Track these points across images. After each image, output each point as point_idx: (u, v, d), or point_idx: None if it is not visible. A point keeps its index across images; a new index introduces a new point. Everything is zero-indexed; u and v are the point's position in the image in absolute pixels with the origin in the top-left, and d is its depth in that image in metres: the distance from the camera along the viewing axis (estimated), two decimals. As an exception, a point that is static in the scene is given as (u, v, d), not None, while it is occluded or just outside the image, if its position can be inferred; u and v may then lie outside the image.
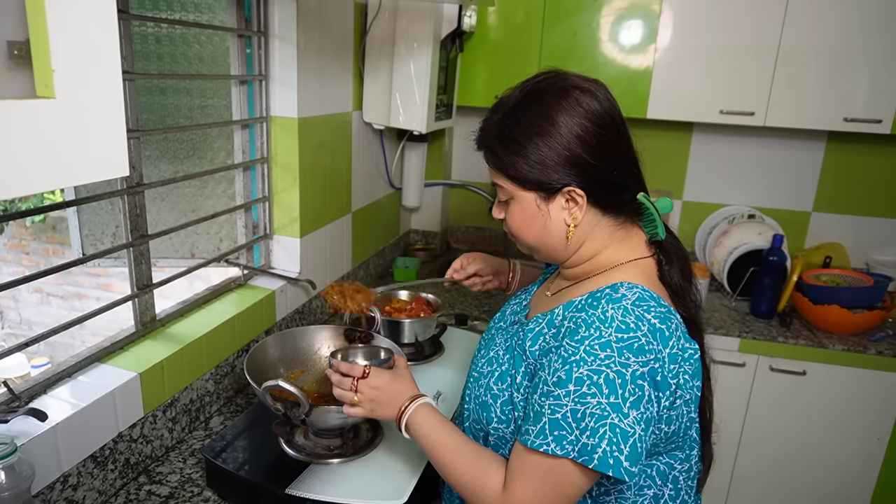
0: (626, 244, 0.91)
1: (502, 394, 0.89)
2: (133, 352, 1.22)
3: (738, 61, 2.03)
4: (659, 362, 0.77)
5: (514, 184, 0.87)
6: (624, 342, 0.76)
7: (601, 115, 0.84)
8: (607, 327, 0.77)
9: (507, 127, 0.86)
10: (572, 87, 0.85)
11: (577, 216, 0.86)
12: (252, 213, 1.66)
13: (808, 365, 1.99)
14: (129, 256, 1.23)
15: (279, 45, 1.55)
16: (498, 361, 0.92)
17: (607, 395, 0.74)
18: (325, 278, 1.88)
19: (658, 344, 0.77)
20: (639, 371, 0.75)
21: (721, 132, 2.41)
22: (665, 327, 0.79)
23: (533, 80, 0.88)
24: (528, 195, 0.87)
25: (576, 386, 0.75)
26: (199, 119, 1.58)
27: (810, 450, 2.06)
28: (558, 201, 0.86)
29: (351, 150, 1.96)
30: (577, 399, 0.75)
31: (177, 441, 1.27)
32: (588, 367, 0.75)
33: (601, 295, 0.82)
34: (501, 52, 2.22)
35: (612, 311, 0.78)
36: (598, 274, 0.90)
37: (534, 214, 0.88)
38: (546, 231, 0.89)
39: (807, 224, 2.45)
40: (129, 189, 1.19)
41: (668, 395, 0.78)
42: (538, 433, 0.77)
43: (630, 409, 0.74)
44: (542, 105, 0.84)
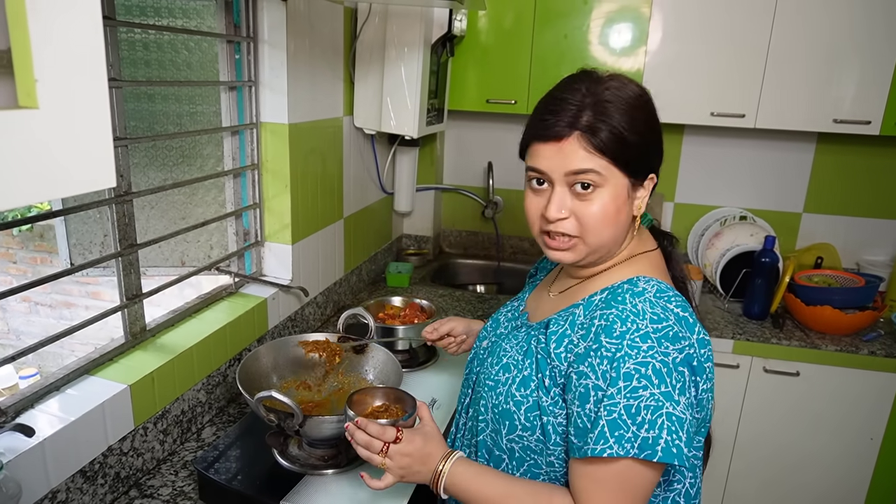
0: (640, 237, 0.94)
1: (526, 399, 0.87)
2: (123, 363, 1.20)
3: (728, 64, 2.04)
4: (693, 348, 0.79)
5: (615, 165, 0.83)
6: (660, 332, 0.77)
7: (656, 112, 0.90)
8: (642, 319, 0.78)
9: (614, 107, 0.82)
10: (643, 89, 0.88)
11: (642, 207, 0.89)
12: (243, 220, 1.65)
13: (802, 366, 2.00)
14: (117, 266, 1.21)
15: (268, 51, 1.54)
16: (517, 367, 0.89)
17: (658, 385, 0.75)
18: (318, 285, 1.86)
19: (686, 331, 0.79)
20: (678, 358, 0.77)
21: (712, 134, 2.42)
22: (688, 315, 0.81)
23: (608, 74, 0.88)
24: (623, 182, 0.84)
25: (625, 381, 0.75)
26: (188, 126, 1.57)
27: (804, 450, 2.06)
28: (639, 190, 0.88)
29: (342, 155, 1.94)
30: (629, 394, 0.75)
31: (168, 453, 1.25)
32: (634, 360, 0.76)
33: (621, 290, 0.83)
34: (492, 55, 2.21)
35: (641, 304, 0.79)
36: (608, 269, 0.91)
37: (622, 204, 0.85)
38: (622, 220, 0.87)
39: (798, 225, 2.46)
40: (118, 198, 1.17)
41: (704, 379, 0.80)
42: (598, 438, 0.75)
43: (679, 395, 0.75)
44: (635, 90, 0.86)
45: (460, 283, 2.69)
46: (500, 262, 2.66)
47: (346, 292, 2.09)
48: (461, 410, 1.05)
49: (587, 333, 0.82)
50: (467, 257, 2.73)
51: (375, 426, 0.89)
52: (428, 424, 0.94)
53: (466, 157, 2.68)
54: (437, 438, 0.92)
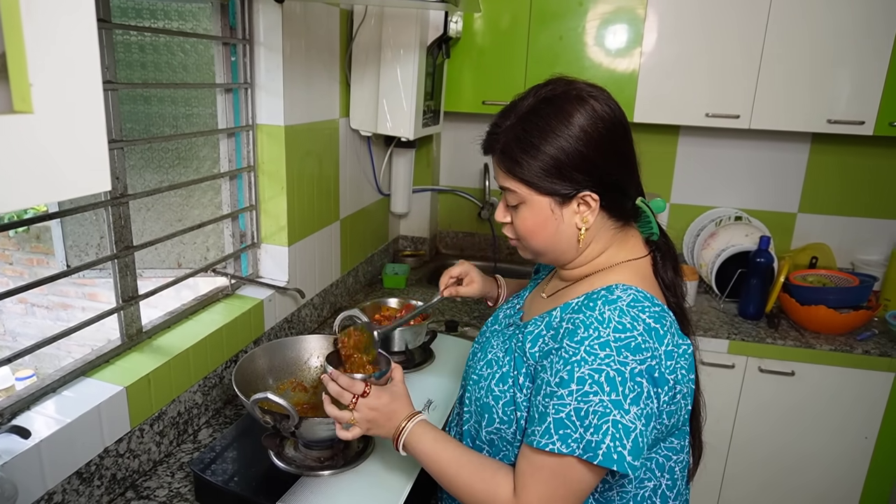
0: (624, 245, 0.94)
1: (504, 395, 0.90)
2: (119, 365, 1.20)
3: (723, 65, 2.05)
4: (656, 359, 0.79)
5: (529, 188, 0.88)
6: (621, 342, 0.78)
7: (614, 121, 0.87)
8: (605, 327, 0.79)
9: (523, 131, 0.87)
10: (587, 95, 0.86)
11: (589, 220, 0.88)
12: (239, 221, 1.65)
13: (797, 365, 2.00)
14: (113, 268, 1.21)
15: (264, 53, 1.54)
16: (498, 363, 0.93)
17: (608, 393, 0.76)
18: (314, 286, 1.86)
19: (654, 342, 0.80)
20: (637, 369, 0.78)
21: (707, 135, 2.43)
22: (659, 326, 0.82)
23: (546, 87, 0.89)
24: (543, 199, 0.88)
25: (578, 385, 0.77)
26: (184, 128, 1.57)
27: (799, 449, 2.07)
28: (572, 206, 0.88)
29: (338, 157, 1.95)
30: (580, 398, 0.77)
31: (164, 455, 1.25)
32: (589, 366, 0.78)
33: (597, 296, 0.85)
34: (488, 57, 2.22)
35: (609, 313, 0.81)
36: (593, 274, 0.93)
37: (546, 219, 0.89)
38: (557, 235, 0.90)
39: (793, 225, 2.47)
40: (114, 200, 1.18)
41: (666, 391, 0.81)
42: (543, 433, 0.79)
43: (630, 405, 0.76)
44: (560, 110, 0.85)
45: (457, 283, 2.69)
46: (497, 262, 2.66)
47: (342, 294, 2.09)
48: (457, 401, 1.09)
49: (556, 334, 0.85)
50: (464, 258, 2.73)
51: (346, 378, 0.95)
52: (398, 385, 0.99)
53: (463, 159, 2.68)
54: (405, 398, 0.98)
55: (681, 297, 0.94)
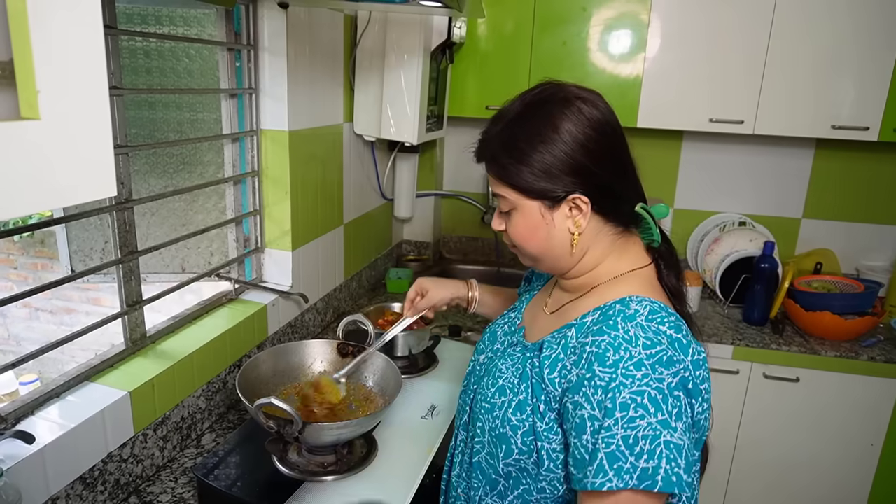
0: (626, 253, 0.91)
1: (522, 424, 0.85)
2: (123, 370, 1.20)
3: (727, 70, 2.05)
4: (688, 370, 0.77)
5: (518, 193, 0.87)
6: (654, 357, 0.75)
7: (603, 123, 0.85)
8: (635, 346, 0.76)
9: (510, 137, 0.86)
10: (574, 97, 0.85)
11: (582, 224, 0.86)
12: (243, 226, 1.65)
13: (801, 371, 2.00)
14: (118, 273, 1.22)
15: (269, 59, 1.55)
16: (513, 391, 0.88)
17: (654, 413, 0.73)
18: (318, 291, 1.87)
19: (680, 353, 0.78)
20: (673, 382, 0.75)
21: (710, 140, 2.42)
22: (681, 336, 0.79)
23: (533, 92, 0.88)
24: (533, 204, 0.86)
25: (622, 412, 0.73)
26: (188, 133, 1.57)
27: (804, 456, 2.06)
28: (562, 209, 0.86)
29: (342, 162, 1.95)
30: (627, 424, 0.73)
31: (168, 460, 1.25)
32: (629, 389, 0.74)
33: (613, 312, 0.81)
34: (492, 62, 2.22)
35: (634, 330, 0.78)
36: (599, 286, 0.89)
37: (538, 224, 0.87)
38: (550, 240, 0.88)
39: (797, 231, 2.46)
40: (118, 205, 1.18)
41: (700, 401, 0.78)
42: (597, 471, 0.73)
43: (676, 421, 0.74)
44: (546, 114, 0.84)
45: (460, 288, 2.69)
46: (500, 267, 2.66)
47: (345, 298, 2.09)
48: (460, 426, 1.04)
49: (579, 360, 0.80)
50: (467, 263, 2.73)
51: None
52: None
53: (466, 164, 2.68)
54: None
55: (686, 302, 0.92)
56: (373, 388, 1.20)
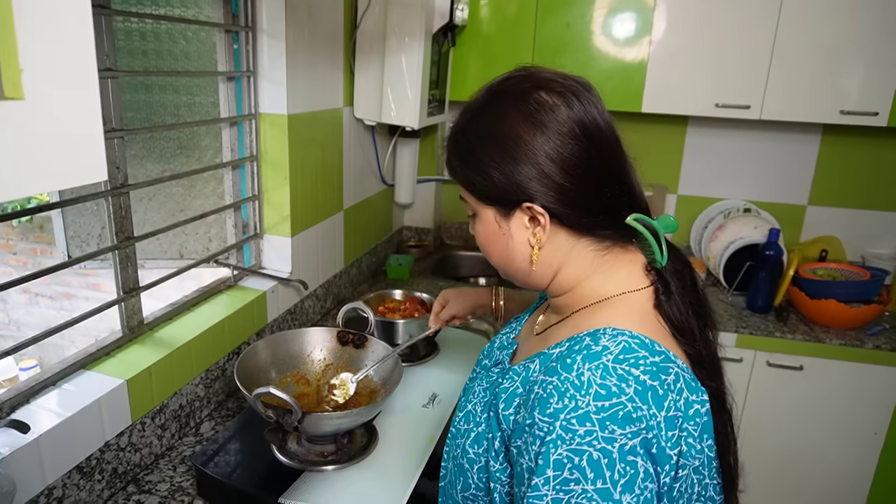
0: (615, 272, 0.76)
1: (478, 459, 0.76)
2: (120, 357, 1.19)
3: (734, 54, 2.01)
4: (653, 431, 0.62)
5: (471, 196, 0.79)
6: (606, 411, 0.62)
7: (568, 124, 0.72)
8: (583, 395, 0.63)
9: (462, 134, 0.78)
10: (534, 89, 0.73)
11: (541, 238, 0.74)
12: (242, 212, 1.63)
13: (805, 360, 1.98)
14: (114, 259, 1.19)
15: (267, 41, 1.51)
16: (475, 420, 0.78)
17: (593, 480, 0.61)
18: (318, 277, 1.85)
19: (650, 407, 0.63)
20: (628, 445, 0.61)
21: (716, 125, 2.39)
22: (658, 384, 0.64)
23: (499, 81, 0.78)
24: (488, 210, 0.77)
25: (555, 471, 0.62)
26: (185, 117, 1.55)
27: (807, 444, 2.05)
28: (518, 219, 0.75)
29: (342, 146, 1.92)
30: (559, 487, 0.62)
31: (166, 448, 1.24)
32: (567, 446, 0.62)
33: (579, 348, 0.68)
34: (494, 45, 2.19)
35: (589, 374, 0.64)
36: (580, 310, 0.76)
37: (494, 232, 0.78)
38: (510, 252, 0.78)
39: (802, 217, 2.44)
40: (114, 190, 1.16)
41: (667, 471, 0.64)
42: None
43: (622, 493, 0.60)
44: (499, 110, 0.74)
45: (461, 275, 2.67)
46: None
47: (345, 285, 2.07)
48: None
49: (527, 400, 0.69)
50: (468, 249, 2.71)
51: None
52: None
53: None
54: None
55: (701, 344, 0.74)
56: (373, 377, 1.18)
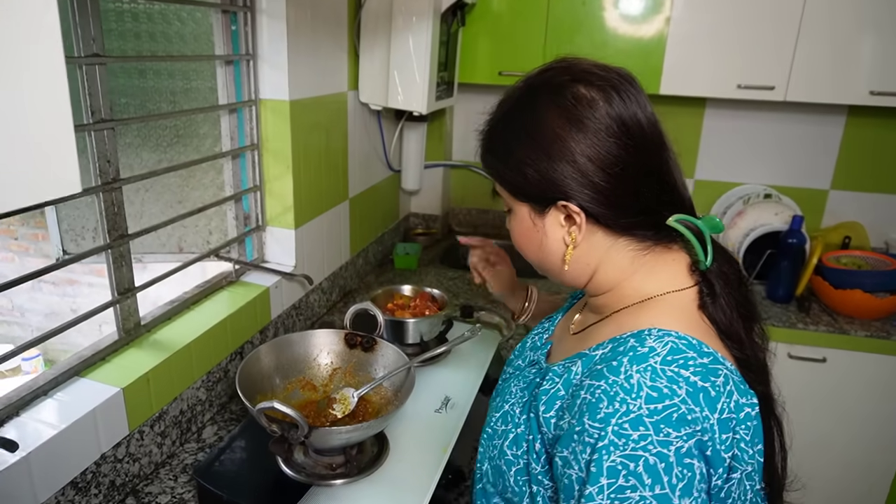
0: (657, 272, 0.73)
1: (517, 461, 0.74)
2: (116, 362, 1.12)
3: (758, 32, 1.91)
4: (708, 433, 0.60)
5: (507, 192, 0.77)
6: (659, 414, 0.60)
7: (606, 120, 0.68)
8: (634, 398, 0.61)
9: (497, 128, 0.76)
10: (572, 83, 0.70)
11: (576, 237, 0.72)
12: (243, 203, 1.56)
13: (829, 352, 1.91)
14: (107, 259, 1.12)
15: (267, 22, 1.43)
16: (513, 421, 0.76)
17: (651, 486, 0.58)
18: (323, 270, 1.78)
19: (703, 409, 0.61)
20: (684, 447, 0.59)
21: (735, 107, 2.29)
22: (709, 385, 0.62)
23: (537, 73, 0.75)
24: (522, 207, 0.75)
25: (609, 478, 0.59)
26: (182, 103, 1.46)
27: (830, 438, 1.99)
28: (553, 217, 0.73)
29: (347, 132, 1.84)
30: (614, 495, 0.59)
31: (167, 456, 1.18)
32: (620, 452, 0.59)
33: (623, 349, 0.66)
34: (505, 24, 2.09)
35: (638, 376, 0.62)
36: (621, 310, 0.74)
37: (529, 229, 0.76)
38: (544, 250, 0.76)
39: (824, 202, 2.35)
40: (105, 185, 1.08)
41: (720, 473, 0.62)
42: None
43: (681, 497, 0.58)
44: (535, 105, 0.71)
45: (470, 263, 2.60)
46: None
47: (352, 276, 2.00)
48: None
49: (573, 405, 0.66)
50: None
51: None
52: None
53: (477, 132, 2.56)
54: None
55: (748, 346, 0.71)
56: (383, 382, 1.11)
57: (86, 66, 1.01)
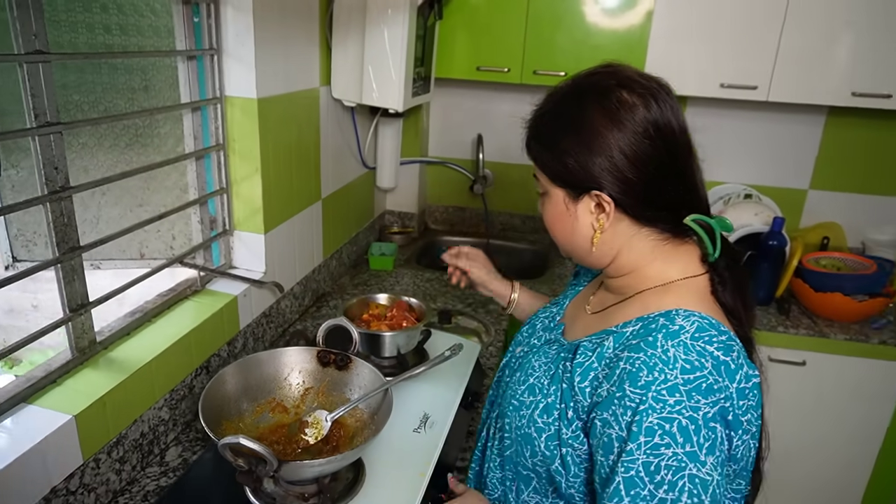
0: (675, 259, 0.83)
1: (548, 427, 0.83)
2: (68, 385, 1.04)
3: (742, 31, 1.88)
4: (729, 400, 0.71)
5: (545, 177, 0.85)
6: (691, 384, 0.70)
7: (644, 124, 0.77)
8: (671, 368, 0.71)
9: (544, 119, 0.85)
10: (617, 87, 0.78)
11: (604, 223, 0.82)
12: (209, 206, 1.47)
13: (808, 354, 1.91)
14: (57, 274, 1.03)
15: (232, 14, 1.33)
16: (542, 391, 0.85)
17: (682, 444, 0.68)
18: (295, 274, 1.70)
19: (725, 380, 0.71)
20: (710, 413, 0.69)
21: (715, 105, 2.26)
22: (730, 359, 0.72)
23: (585, 73, 0.84)
24: (558, 192, 0.84)
25: (647, 436, 0.69)
26: (141, 100, 1.37)
27: (807, 440, 1.99)
28: (585, 204, 0.82)
29: (319, 130, 1.75)
30: (650, 451, 0.69)
31: (127, 482, 1.10)
32: (658, 414, 0.69)
33: (655, 327, 0.75)
34: (484, 17, 2.02)
35: (674, 350, 0.72)
36: (644, 291, 0.83)
37: (562, 213, 0.85)
38: (574, 233, 0.85)
39: (803, 202, 2.34)
40: (52, 195, 0.99)
41: (740, 434, 0.72)
42: (612, 494, 0.71)
43: (706, 455, 0.69)
44: (581, 103, 0.80)
45: (447, 262, 2.54)
46: (490, 239, 2.51)
47: (325, 279, 1.93)
48: (492, 417, 1.03)
49: (612, 374, 0.75)
50: (454, 234, 2.58)
51: None
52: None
53: (454, 129, 2.49)
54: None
55: (747, 324, 0.82)
56: (360, 405, 1.05)
57: (27, 64, 0.91)
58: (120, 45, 1.32)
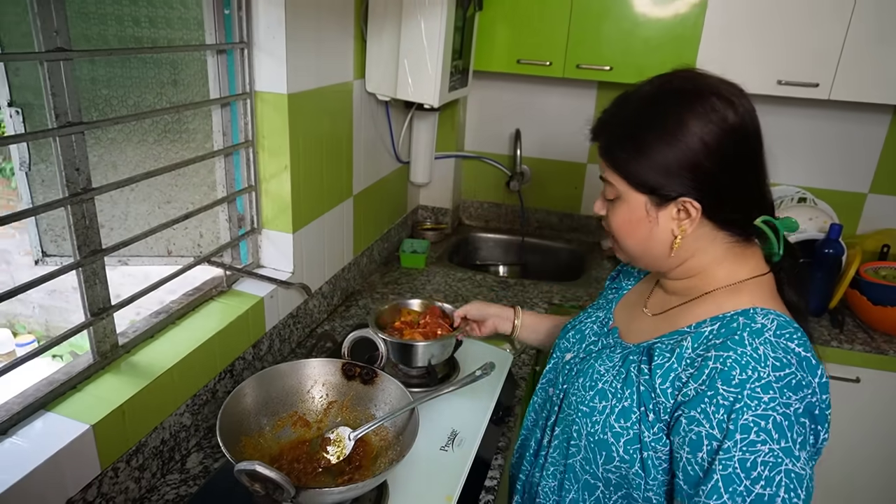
0: (744, 260, 0.84)
1: (626, 432, 0.82)
2: (89, 391, 1.01)
3: (803, 24, 1.74)
4: (815, 395, 0.73)
5: (626, 183, 0.82)
6: (783, 380, 0.71)
7: (735, 128, 0.77)
8: (764, 366, 0.72)
9: (631, 123, 0.82)
10: (710, 92, 0.78)
11: (687, 228, 0.81)
12: (237, 204, 1.43)
13: (863, 371, 1.78)
14: (78, 278, 1.01)
15: (263, 6, 1.29)
16: (616, 396, 0.84)
17: (778, 440, 0.70)
18: (323, 273, 1.66)
19: (808, 375, 0.73)
20: (800, 408, 0.71)
21: (769, 102, 2.12)
22: (810, 355, 0.75)
23: (669, 76, 0.82)
24: (640, 198, 0.82)
25: (742, 434, 0.70)
26: (170, 95, 1.33)
27: (864, 463, 1.87)
28: (670, 210, 0.81)
29: (352, 124, 1.70)
30: (746, 448, 0.70)
31: (146, 490, 1.08)
32: (754, 412, 0.70)
33: (738, 325, 0.76)
34: (525, 8, 1.93)
35: (763, 348, 0.73)
36: (714, 291, 0.84)
37: (640, 219, 0.83)
38: (650, 238, 0.84)
39: (861, 207, 2.20)
40: (73, 197, 0.96)
41: (826, 428, 0.74)
42: (710, 492, 0.71)
43: (800, 450, 0.70)
44: (675, 105, 0.78)
45: (480, 259, 2.48)
46: (525, 237, 2.43)
47: (355, 277, 1.88)
48: (542, 426, 1.00)
49: (699, 374, 0.76)
50: (489, 231, 2.51)
51: None
52: None
53: (492, 123, 2.41)
54: None
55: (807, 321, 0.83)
56: (386, 424, 1.00)
57: (48, 62, 0.88)
58: (149, 38, 1.28)
